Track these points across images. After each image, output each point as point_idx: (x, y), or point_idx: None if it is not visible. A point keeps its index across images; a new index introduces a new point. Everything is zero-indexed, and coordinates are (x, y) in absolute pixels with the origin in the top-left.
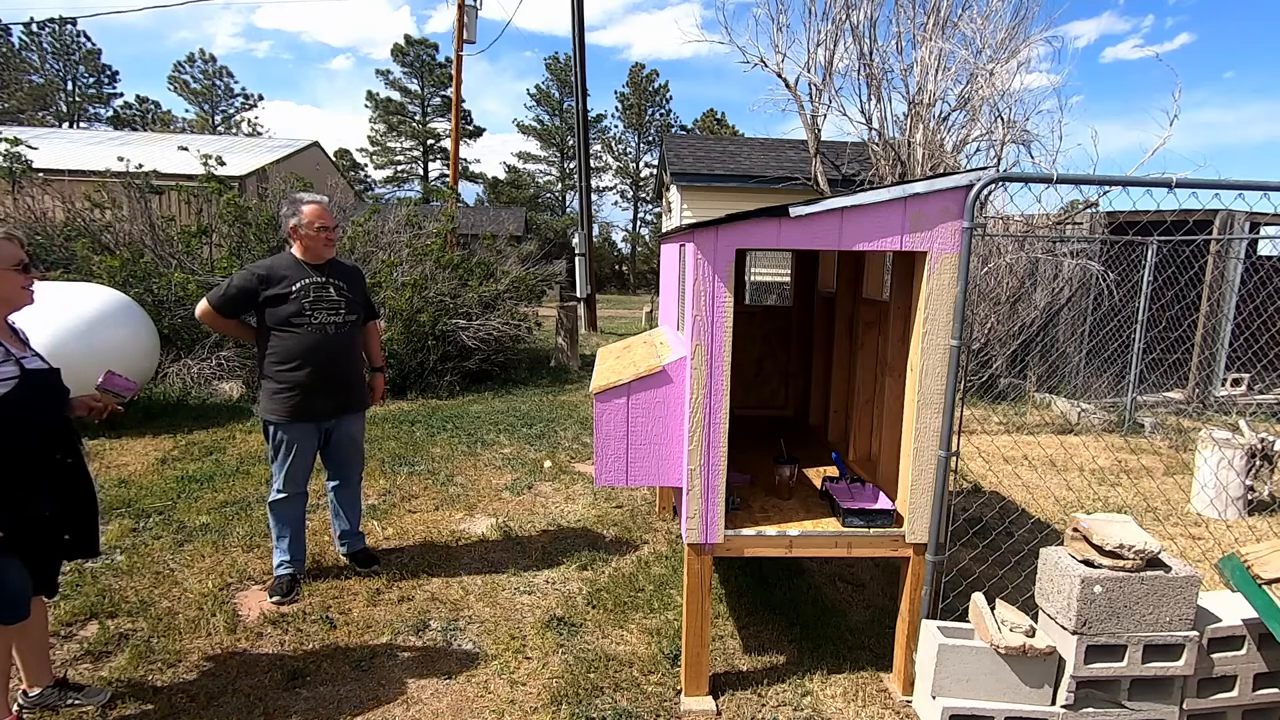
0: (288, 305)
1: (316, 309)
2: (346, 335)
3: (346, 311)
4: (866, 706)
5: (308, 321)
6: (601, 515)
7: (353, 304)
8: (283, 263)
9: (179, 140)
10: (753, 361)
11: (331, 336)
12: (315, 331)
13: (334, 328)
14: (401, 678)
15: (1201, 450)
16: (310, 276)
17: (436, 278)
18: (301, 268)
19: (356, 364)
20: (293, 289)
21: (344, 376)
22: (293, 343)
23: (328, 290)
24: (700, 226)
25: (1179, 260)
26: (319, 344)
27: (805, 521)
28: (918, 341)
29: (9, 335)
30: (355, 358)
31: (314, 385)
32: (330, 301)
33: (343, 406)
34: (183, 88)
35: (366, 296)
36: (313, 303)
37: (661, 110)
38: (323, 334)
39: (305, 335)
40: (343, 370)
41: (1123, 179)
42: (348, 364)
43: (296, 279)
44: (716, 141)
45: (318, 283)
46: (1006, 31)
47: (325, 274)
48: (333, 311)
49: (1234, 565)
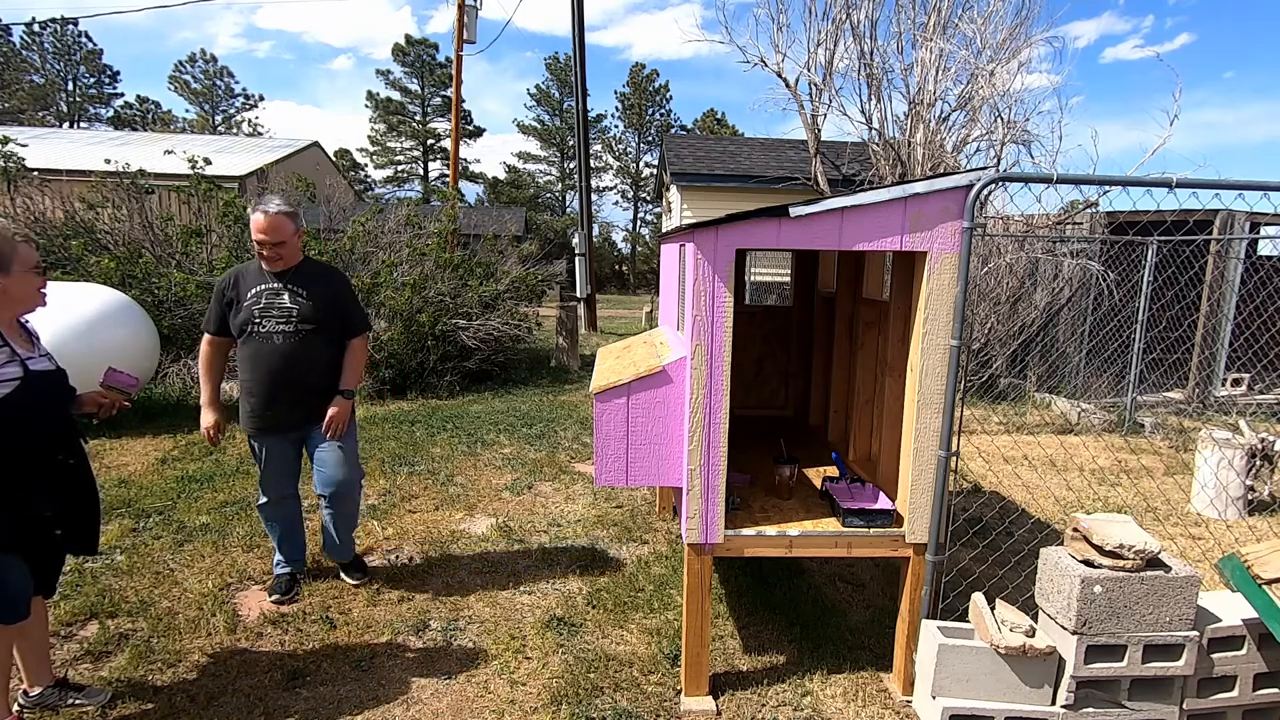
0: (240, 313)
1: (265, 316)
2: (298, 345)
3: (299, 320)
4: (866, 706)
5: (256, 329)
6: (601, 515)
7: (309, 311)
8: (249, 269)
9: (179, 140)
10: (753, 361)
11: (279, 346)
12: (262, 341)
13: (281, 337)
14: (401, 678)
15: (1201, 450)
16: (266, 283)
17: (436, 278)
18: (261, 274)
19: (320, 376)
20: (246, 296)
21: (301, 387)
22: (245, 351)
23: (280, 297)
24: (700, 226)
25: (1179, 260)
26: (265, 353)
27: (805, 521)
28: (918, 341)
29: (18, 335)
30: (318, 369)
31: (268, 395)
32: (281, 309)
33: (308, 418)
34: (183, 88)
35: (342, 306)
36: (262, 310)
37: (661, 110)
38: (269, 343)
39: (253, 344)
40: (299, 381)
41: (1123, 179)
42: (304, 375)
43: (252, 286)
44: (716, 141)
45: (271, 289)
46: (1007, 32)
47: (285, 280)
48: (283, 319)
49: (1234, 565)
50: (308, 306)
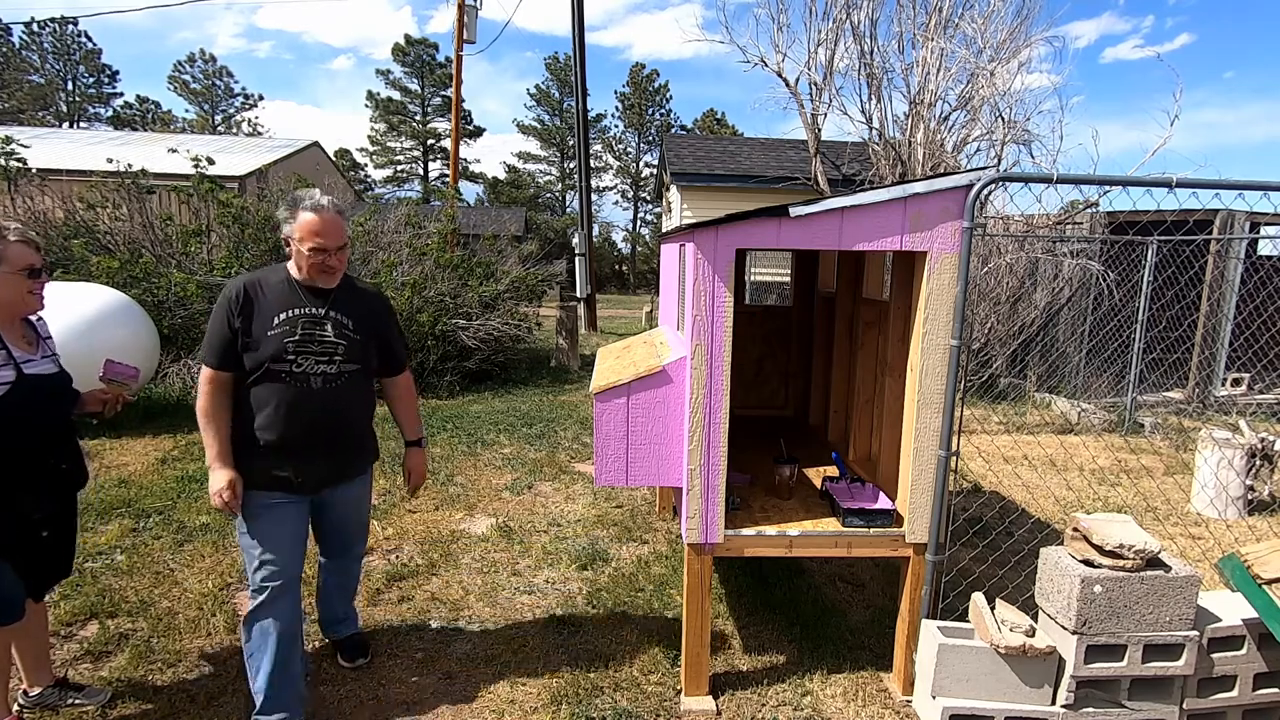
0: (264, 345)
1: (303, 353)
2: (343, 390)
3: (345, 359)
4: (866, 706)
5: (288, 369)
6: (601, 515)
7: (356, 348)
8: (272, 280)
9: (178, 140)
10: (753, 361)
11: (318, 391)
12: (298, 384)
13: (322, 379)
14: (401, 678)
15: (1201, 450)
16: (304, 305)
17: (436, 278)
18: (294, 291)
19: (357, 425)
20: (274, 322)
21: (343, 441)
22: (268, 395)
23: (322, 328)
24: (700, 226)
25: (1179, 260)
26: (301, 400)
27: (805, 521)
28: (918, 341)
29: (19, 337)
30: (356, 418)
31: (305, 452)
32: (324, 343)
33: (336, 474)
34: (183, 88)
35: (387, 340)
36: (299, 343)
37: (662, 110)
38: (305, 387)
39: (282, 387)
40: (342, 434)
41: (1123, 179)
42: (347, 426)
43: (281, 308)
44: (716, 141)
45: (310, 316)
46: (1007, 31)
47: (327, 303)
48: (324, 358)
49: (1234, 565)
50: (354, 341)
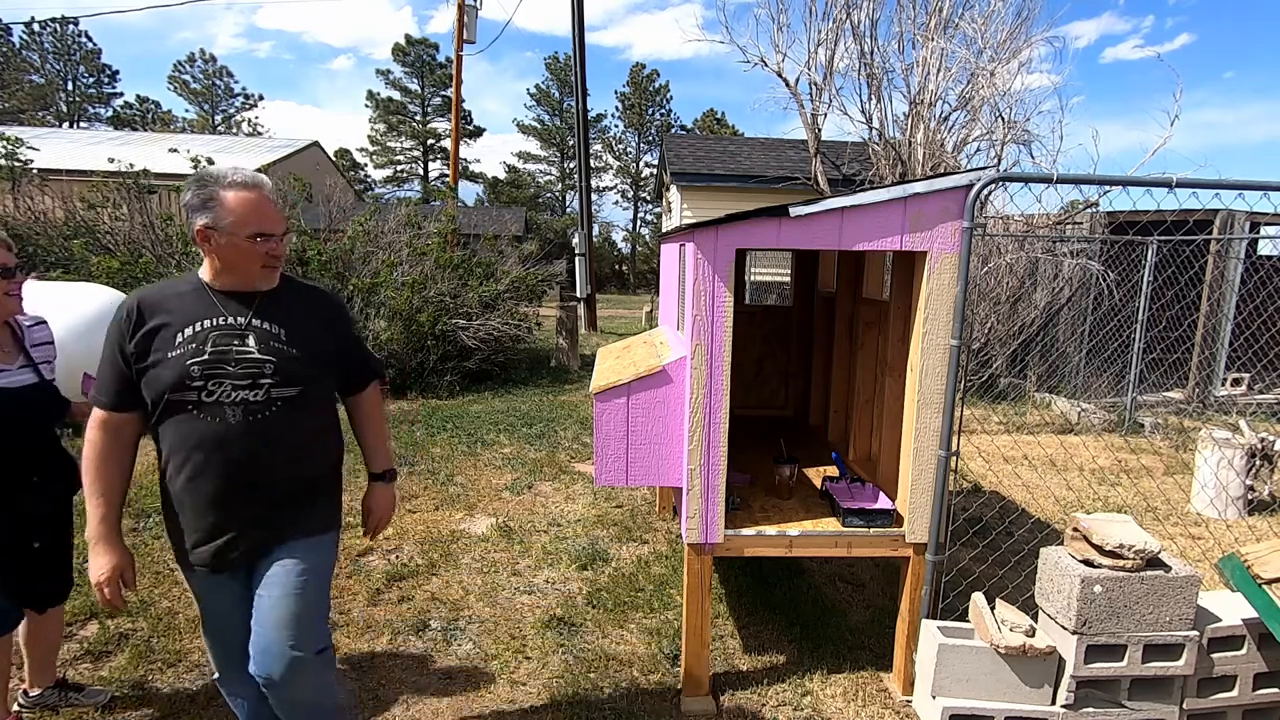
0: (163, 368)
1: (215, 376)
2: (276, 423)
3: (277, 381)
4: (866, 706)
5: (197, 399)
6: (601, 515)
7: (293, 365)
8: (179, 290)
9: (178, 140)
10: (753, 361)
11: (237, 426)
12: (208, 417)
13: (243, 410)
14: (401, 678)
15: (1201, 450)
16: (217, 314)
17: (436, 277)
18: (206, 299)
19: (302, 469)
20: (176, 339)
21: (276, 489)
22: (170, 436)
23: (243, 342)
24: (700, 226)
25: (1179, 260)
26: (214, 438)
27: (805, 521)
28: (918, 341)
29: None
30: (300, 458)
31: (220, 510)
32: (244, 361)
33: (272, 536)
34: (182, 88)
35: (343, 349)
36: (208, 364)
37: (662, 110)
38: (220, 421)
39: (190, 423)
40: (273, 480)
41: (1123, 179)
42: (282, 469)
43: (189, 319)
44: (716, 141)
45: (224, 327)
46: (1007, 32)
47: (251, 309)
48: (245, 381)
49: (1234, 565)
50: (288, 356)
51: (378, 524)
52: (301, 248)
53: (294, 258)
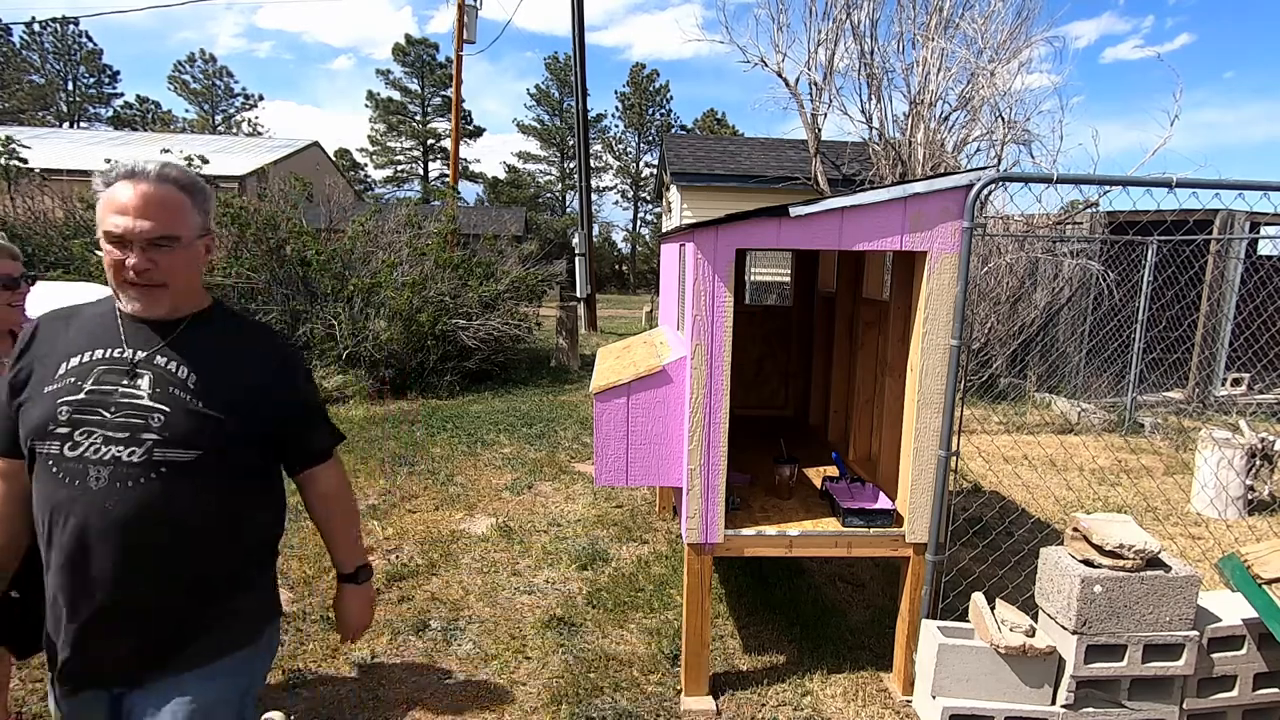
0: (34, 406)
1: (85, 422)
2: (155, 497)
3: (164, 439)
4: (866, 706)
5: (58, 451)
6: (601, 515)
7: (194, 422)
8: (93, 310)
9: (178, 140)
10: (753, 361)
11: (99, 494)
12: (67, 478)
13: (109, 474)
14: (401, 678)
15: (1201, 450)
16: (113, 345)
17: (436, 277)
18: (108, 324)
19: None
20: (59, 371)
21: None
22: (36, 498)
23: (133, 382)
24: (700, 226)
25: (1179, 260)
26: (67, 508)
27: (805, 521)
28: (918, 341)
29: None
30: (188, 551)
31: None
32: (126, 408)
33: (144, 659)
34: (183, 88)
35: (283, 413)
36: (80, 405)
37: (662, 110)
38: (79, 486)
39: (49, 486)
40: (125, 577)
41: (1123, 179)
42: (148, 563)
43: (81, 348)
44: (716, 141)
45: (114, 362)
46: (1008, 32)
47: (164, 338)
48: (121, 435)
49: (1234, 565)
50: (188, 410)
51: (352, 633)
52: (302, 248)
53: (295, 259)
